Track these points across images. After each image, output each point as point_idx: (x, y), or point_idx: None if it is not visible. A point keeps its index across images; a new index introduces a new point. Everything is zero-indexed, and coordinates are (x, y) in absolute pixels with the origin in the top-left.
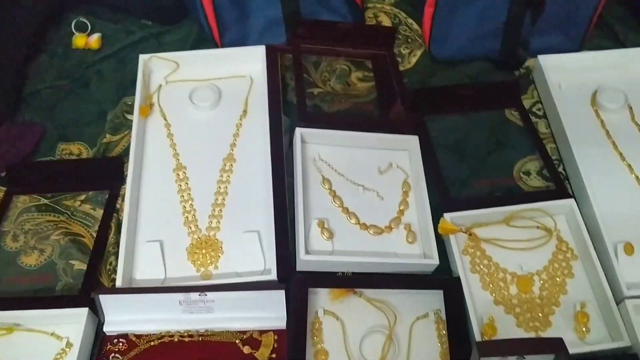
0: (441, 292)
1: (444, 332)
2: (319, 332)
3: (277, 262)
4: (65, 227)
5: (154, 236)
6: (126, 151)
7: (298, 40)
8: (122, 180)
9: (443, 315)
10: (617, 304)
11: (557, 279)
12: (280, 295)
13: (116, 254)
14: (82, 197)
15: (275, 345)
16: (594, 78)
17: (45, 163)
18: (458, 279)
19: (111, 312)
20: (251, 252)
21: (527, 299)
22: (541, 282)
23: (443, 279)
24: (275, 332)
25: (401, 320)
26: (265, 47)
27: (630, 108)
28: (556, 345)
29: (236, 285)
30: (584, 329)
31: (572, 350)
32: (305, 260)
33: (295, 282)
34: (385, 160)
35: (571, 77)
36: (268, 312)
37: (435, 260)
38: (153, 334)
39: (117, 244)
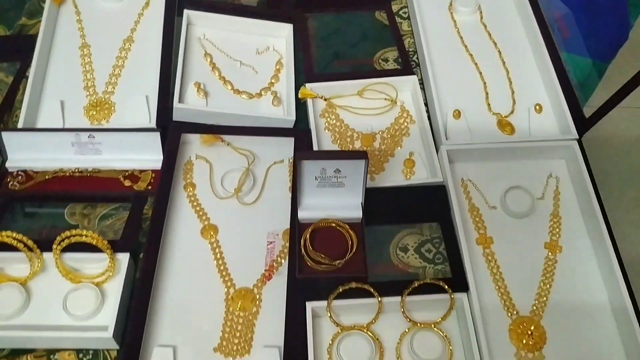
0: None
1: None
2: (190, 171)
3: (157, 113)
4: None
5: (56, 95)
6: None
7: None
8: (32, 54)
9: None
10: (437, 152)
11: (396, 137)
12: (156, 138)
13: (22, 109)
14: None
15: (152, 180)
16: None
17: None
18: (308, 129)
19: (13, 150)
20: (139, 112)
21: (368, 151)
22: (382, 139)
23: (295, 130)
24: (154, 171)
25: (260, 163)
26: None
27: (481, 11)
28: (359, 154)
29: (119, 129)
30: (409, 172)
31: (397, 184)
32: (179, 108)
33: (171, 128)
34: (264, 44)
35: None
36: (147, 155)
37: (292, 117)
38: (48, 170)
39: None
